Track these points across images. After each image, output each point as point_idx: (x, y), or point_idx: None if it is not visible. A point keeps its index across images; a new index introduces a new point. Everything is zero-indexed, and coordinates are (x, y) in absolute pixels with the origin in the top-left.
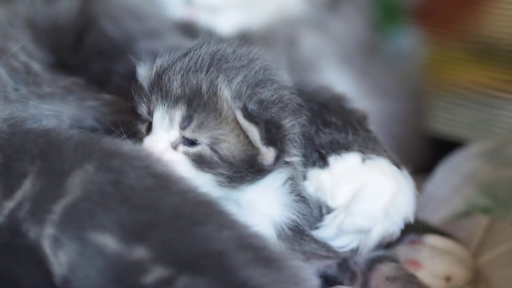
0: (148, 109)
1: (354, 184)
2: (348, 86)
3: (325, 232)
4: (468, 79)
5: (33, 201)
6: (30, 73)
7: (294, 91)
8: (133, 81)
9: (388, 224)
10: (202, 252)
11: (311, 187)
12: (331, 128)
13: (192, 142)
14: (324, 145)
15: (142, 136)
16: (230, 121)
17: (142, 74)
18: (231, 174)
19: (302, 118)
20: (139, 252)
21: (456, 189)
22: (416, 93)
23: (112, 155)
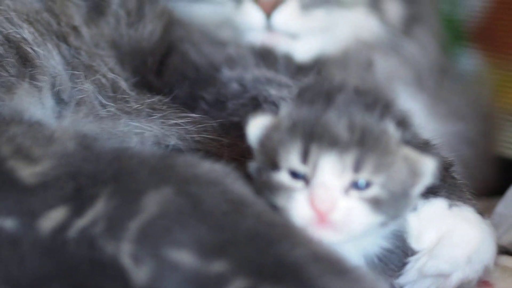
0: (302, 158)
1: (440, 229)
2: (420, 109)
3: (407, 274)
4: None
5: (107, 219)
6: (118, 91)
7: None
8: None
9: (469, 271)
10: (279, 265)
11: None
12: None
13: (365, 185)
14: None
15: (279, 187)
16: (399, 156)
17: (266, 123)
18: (395, 211)
19: None
20: (218, 266)
21: None
22: (485, 116)
23: (188, 182)
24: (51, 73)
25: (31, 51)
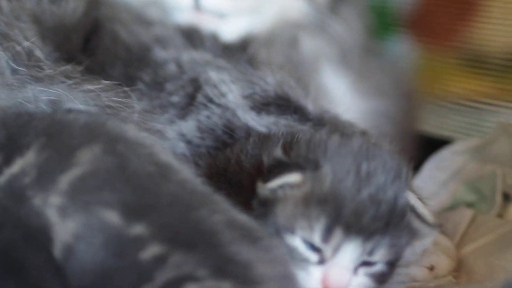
0: (324, 236)
1: None
2: (345, 87)
3: None
4: (459, 87)
5: (38, 169)
6: (32, 58)
7: (318, 121)
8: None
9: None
10: (194, 231)
11: None
12: None
13: (372, 263)
14: None
15: (291, 249)
16: (407, 225)
17: (292, 181)
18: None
19: None
20: (138, 229)
21: (443, 184)
22: (408, 95)
23: (117, 140)
24: None
25: None
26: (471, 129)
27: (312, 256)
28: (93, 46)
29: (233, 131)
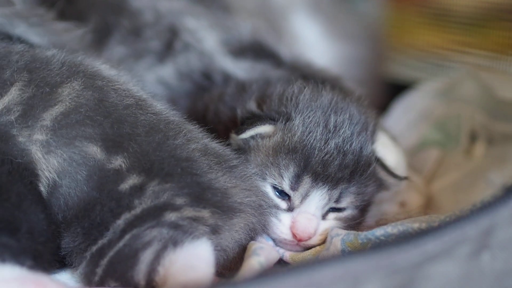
0: (293, 185)
1: None
2: (317, 32)
3: None
4: (424, 40)
5: (23, 106)
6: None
7: (292, 66)
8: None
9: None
10: (171, 160)
11: None
12: None
13: (339, 209)
14: None
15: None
16: (373, 175)
17: (264, 132)
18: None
19: None
20: (117, 161)
21: (411, 124)
22: (377, 40)
23: (95, 76)
24: None
25: None
26: (436, 75)
27: (282, 203)
28: None
29: (211, 75)
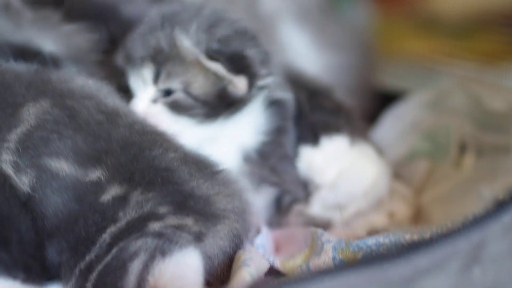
0: (126, 80)
1: (341, 165)
2: (306, 41)
3: (310, 206)
4: (413, 49)
5: None
6: (10, 8)
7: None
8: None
9: (364, 204)
10: (151, 170)
11: (302, 164)
12: (325, 110)
13: (168, 93)
14: (317, 124)
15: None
16: (195, 64)
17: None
18: (207, 111)
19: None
20: (95, 174)
21: (400, 135)
22: (366, 49)
23: (64, 95)
24: None
25: None
26: (425, 85)
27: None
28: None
29: None
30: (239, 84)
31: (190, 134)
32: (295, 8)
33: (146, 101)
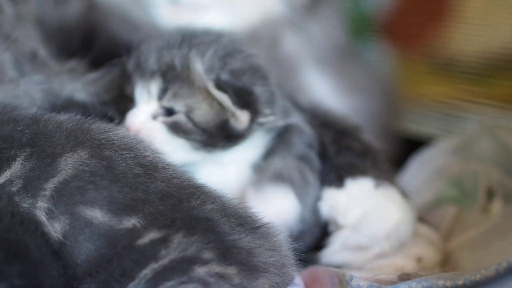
0: (132, 88)
1: (365, 207)
2: (326, 85)
3: (331, 246)
4: (432, 91)
5: (24, 179)
6: (37, 58)
7: (313, 114)
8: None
9: (387, 247)
10: (191, 218)
11: (325, 206)
12: (352, 152)
13: (170, 112)
14: (343, 166)
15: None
16: (203, 90)
17: (129, 62)
18: (205, 139)
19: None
20: (130, 222)
21: (427, 181)
22: (388, 93)
23: (103, 146)
24: None
25: None
26: (448, 130)
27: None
28: (90, 45)
29: None
30: (241, 118)
31: (181, 157)
32: (315, 52)
33: (146, 115)
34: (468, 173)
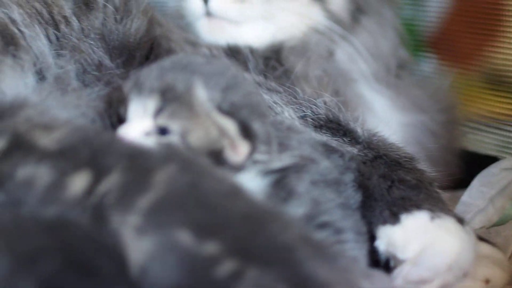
0: (127, 98)
1: (423, 240)
2: (383, 100)
3: (394, 282)
4: (485, 107)
5: (119, 191)
6: (102, 68)
7: (367, 145)
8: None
9: (450, 277)
10: (269, 247)
11: (382, 244)
12: (406, 186)
13: (164, 132)
14: (396, 202)
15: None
16: (201, 115)
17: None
18: None
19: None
20: (210, 247)
21: (491, 200)
22: (447, 109)
23: (191, 160)
24: (36, 53)
25: (17, 32)
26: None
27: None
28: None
29: None
30: (241, 149)
31: None
32: (367, 66)
33: (140, 130)
34: None
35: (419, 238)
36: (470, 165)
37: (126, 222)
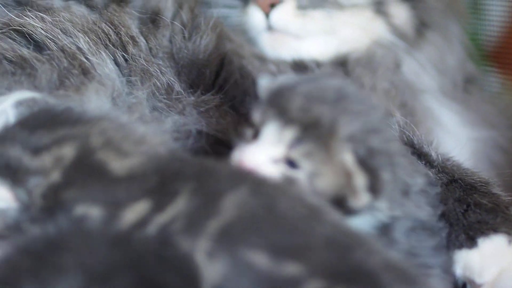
0: (261, 119)
1: (501, 264)
2: (451, 114)
3: None
4: None
5: (187, 216)
6: (172, 92)
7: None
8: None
9: None
10: (355, 271)
11: (459, 268)
12: (482, 209)
13: (293, 165)
14: (473, 226)
15: (246, 140)
16: (336, 160)
17: (262, 85)
18: None
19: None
20: (292, 269)
21: None
22: None
23: (264, 183)
24: (108, 80)
25: (85, 61)
26: None
27: (249, 132)
28: (223, 80)
29: None
30: (362, 199)
31: None
32: (433, 80)
33: (269, 155)
34: None
35: (497, 262)
36: None
37: (197, 247)
